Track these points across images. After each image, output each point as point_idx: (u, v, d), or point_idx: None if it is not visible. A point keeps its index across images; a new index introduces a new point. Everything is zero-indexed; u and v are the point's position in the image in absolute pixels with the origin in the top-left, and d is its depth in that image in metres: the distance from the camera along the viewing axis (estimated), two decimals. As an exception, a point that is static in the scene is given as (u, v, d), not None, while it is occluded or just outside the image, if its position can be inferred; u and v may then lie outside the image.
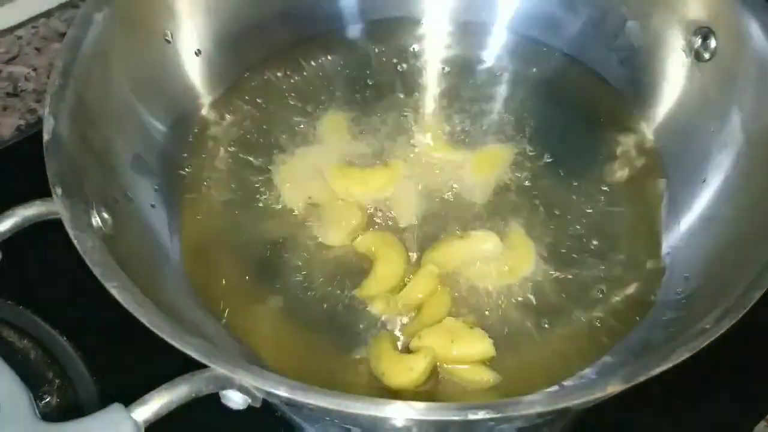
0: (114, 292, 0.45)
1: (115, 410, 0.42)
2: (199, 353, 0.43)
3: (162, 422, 0.43)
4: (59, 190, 0.50)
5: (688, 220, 0.65)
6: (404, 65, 0.79)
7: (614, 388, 0.43)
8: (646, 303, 0.62)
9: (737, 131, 0.63)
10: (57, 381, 0.63)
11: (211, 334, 0.57)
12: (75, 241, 0.48)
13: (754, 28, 0.61)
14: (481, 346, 0.58)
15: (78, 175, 0.53)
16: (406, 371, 0.57)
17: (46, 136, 0.52)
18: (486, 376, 0.58)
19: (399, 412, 0.42)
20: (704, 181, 0.65)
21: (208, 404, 0.44)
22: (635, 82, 0.74)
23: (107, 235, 0.53)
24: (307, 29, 0.79)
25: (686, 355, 0.44)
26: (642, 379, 0.44)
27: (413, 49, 0.80)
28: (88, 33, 0.59)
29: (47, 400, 0.62)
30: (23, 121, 0.82)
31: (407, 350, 0.59)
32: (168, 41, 0.69)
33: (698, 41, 0.67)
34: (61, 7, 0.90)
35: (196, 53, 0.71)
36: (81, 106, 0.57)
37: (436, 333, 0.59)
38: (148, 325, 0.44)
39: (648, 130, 0.73)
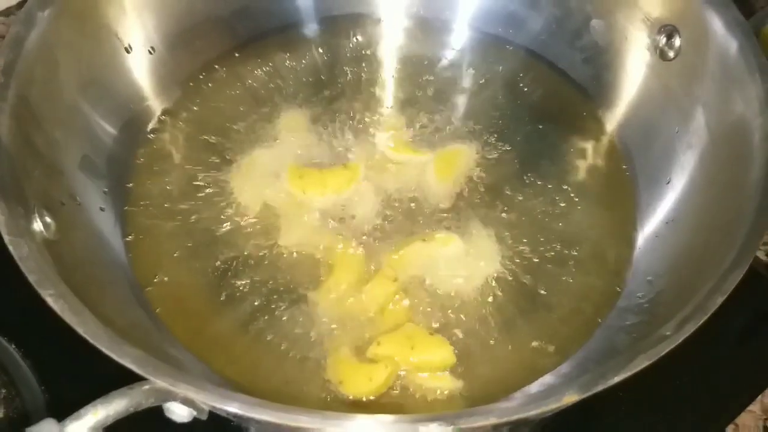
0: (49, 300, 0.44)
1: (46, 425, 0.40)
2: (137, 365, 0.42)
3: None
4: (-5, 193, 0.48)
5: (653, 222, 0.64)
6: (363, 63, 0.77)
7: (571, 398, 0.42)
8: (608, 306, 0.61)
9: (702, 131, 0.62)
10: (3, 391, 0.61)
11: (158, 343, 0.55)
12: (10, 247, 0.46)
13: (718, 26, 0.60)
14: (441, 353, 0.57)
15: (19, 178, 0.51)
16: (365, 381, 0.56)
17: (-17, 137, 0.51)
18: (447, 383, 0.57)
19: (348, 425, 0.41)
20: (669, 182, 0.64)
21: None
22: (599, 81, 0.73)
23: (49, 240, 0.51)
24: (263, 26, 0.77)
25: (645, 363, 0.43)
26: (599, 388, 0.42)
27: (372, 46, 0.78)
28: (31, 31, 0.57)
29: (-6, 410, 0.60)
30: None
31: (365, 356, 0.57)
32: (128, 51, 0.67)
33: (663, 40, 0.66)
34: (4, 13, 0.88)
35: (149, 51, 0.69)
36: (24, 106, 0.55)
37: (396, 339, 0.58)
38: (83, 334, 0.43)
39: (612, 130, 0.72)
